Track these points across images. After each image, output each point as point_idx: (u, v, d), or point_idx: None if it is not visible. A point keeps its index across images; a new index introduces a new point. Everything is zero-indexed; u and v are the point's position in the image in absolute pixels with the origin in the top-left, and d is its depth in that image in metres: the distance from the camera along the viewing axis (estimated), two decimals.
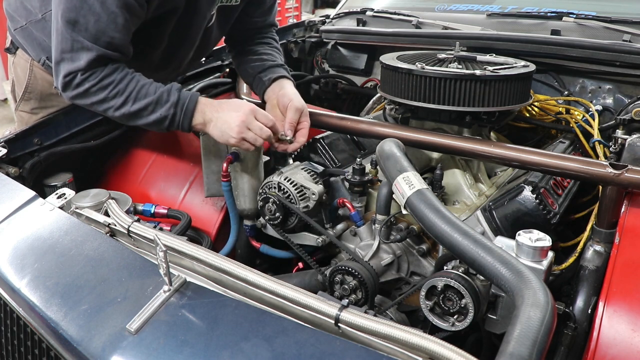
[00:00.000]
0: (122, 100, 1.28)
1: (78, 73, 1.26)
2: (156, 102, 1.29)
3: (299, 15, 8.21)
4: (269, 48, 1.68)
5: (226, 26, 1.63)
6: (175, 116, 1.31)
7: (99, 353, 0.79)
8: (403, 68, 1.43)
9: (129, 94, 1.28)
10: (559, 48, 1.79)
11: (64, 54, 1.25)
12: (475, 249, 0.88)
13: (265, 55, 1.65)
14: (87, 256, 0.98)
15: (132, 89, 1.28)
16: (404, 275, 1.30)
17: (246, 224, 1.52)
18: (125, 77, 1.29)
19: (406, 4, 2.50)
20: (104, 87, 1.27)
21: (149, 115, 1.30)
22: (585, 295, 1.12)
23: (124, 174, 1.73)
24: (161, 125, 1.32)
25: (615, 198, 1.18)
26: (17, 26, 1.59)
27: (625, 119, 1.49)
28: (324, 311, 0.81)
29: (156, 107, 1.30)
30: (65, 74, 1.26)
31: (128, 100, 1.29)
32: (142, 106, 1.29)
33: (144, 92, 1.29)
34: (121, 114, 1.30)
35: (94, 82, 1.27)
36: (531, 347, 0.67)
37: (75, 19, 1.21)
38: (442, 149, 1.40)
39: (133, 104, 1.29)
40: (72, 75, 1.26)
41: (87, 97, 1.29)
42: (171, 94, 1.31)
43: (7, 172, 1.41)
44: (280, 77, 1.56)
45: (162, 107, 1.30)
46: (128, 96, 1.28)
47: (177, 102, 1.30)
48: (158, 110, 1.30)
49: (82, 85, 1.27)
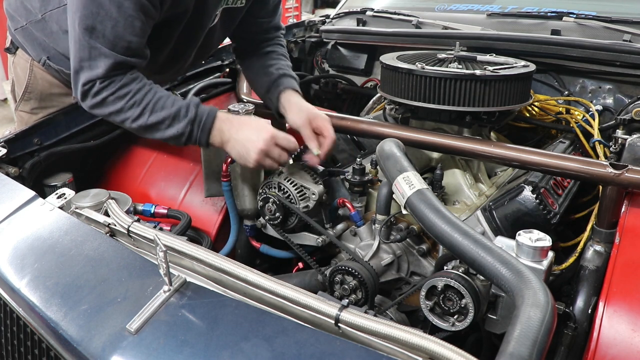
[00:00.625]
0: (139, 111, 1.26)
1: (97, 81, 1.24)
2: (173, 116, 1.27)
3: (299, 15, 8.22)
4: (276, 56, 1.66)
5: (230, 27, 1.62)
6: (192, 133, 1.29)
7: (99, 353, 0.79)
8: (403, 68, 1.43)
9: (146, 105, 1.26)
10: (559, 48, 1.79)
11: (82, 62, 1.24)
12: (475, 249, 0.88)
13: (273, 65, 1.61)
14: (87, 256, 0.98)
15: (149, 101, 1.27)
16: (404, 275, 1.30)
17: (246, 224, 1.52)
18: (142, 87, 1.28)
19: (406, 4, 2.50)
20: (121, 96, 1.26)
21: (166, 130, 1.29)
22: (585, 295, 1.12)
23: (124, 174, 1.73)
24: (178, 141, 1.31)
25: (616, 198, 1.18)
26: (17, 26, 1.59)
27: (625, 119, 1.49)
28: (324, 311, 0.81)
29: (173, 122, 1.28)
30: (84, 82, 1.25)
31: (145, 111, 1.27)
32: (159, 119, 1.27)
33: (161, 104, 1.28)
34: (138, 125, 1.28)
35: (111, 90, 1.25)
36: (531, 347, 0.66)
37: (93, 25, 1.19)
38: (442, 149, 1.40)
39: (150, 116, 1.27)
40: (91, 83, 1.25)
41: (104, 106, 1.27)
42: (189, 110, 1.28)
43: (7, 172, 1.41)
44: (288, 88, 1.53)
45: (179, 123, 1.28)
46: (145, 107, 1.26)
47: (195, 119, 1.28)
48: (175, 126, 1.28)
49: (99, 94, 1.25)
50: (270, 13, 1.67)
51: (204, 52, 1.68)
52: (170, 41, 1.44)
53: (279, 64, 1.63)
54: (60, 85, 1.65)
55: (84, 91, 1.26)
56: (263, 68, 1.62)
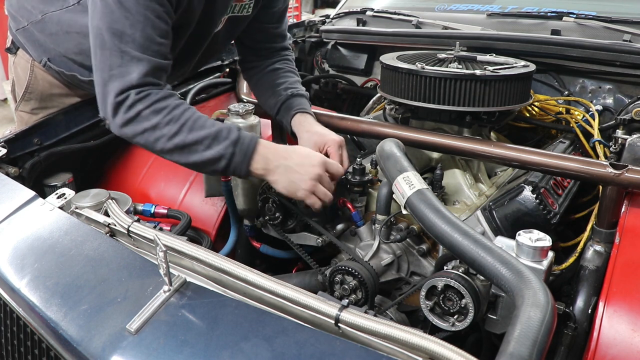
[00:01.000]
0: (176, 128, 1.16)
1: (131, 92, 1.15)
2: (214, 136, 1.18)
3: (299, 15, 8.22)
4: (283, 74, 1.61)
5: (233, 35, 1.61)
6: (234, 156, 1.18)
7: (99, 353, 0.79)
8: (403, 68, 1.43)
9: (185, 122, 1.17)
10: (559, 48, 1.79)
11: (112, 71, 1.15)
12: (475, 249, 0.88)
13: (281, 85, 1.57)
14: (87, 256, 0.98)
15: (188, 118, 1.17)
16: (404, 275, 1.30)
17: (246, 224, 1.52)
18: (180, 104, 1.19)
19: (406, 4, 2.50)
20: (158, 110, 1.16)
21: (205, 151, 1.17)
22: (585, 295, 1.12)
23: (124, 174, 1.73)
24: (216, 165, 1.19)
25: (616, 198, 1.18)
26: (18, 27, 1.59)
27: (625, 119, 1.49)
28: (324, 311, 0.81)
29: (213, 142, 1.17)
30: (117, 92, 1.15)
31: (183, 129, 1.16)
32: (198, 138, 1.17)
33: (201, 123, 1.18)
34: (174, 144, 1.17)
35: (147, 103, 1.15)
36: (531, 347, 0.67)
37: (122, 30, 1.13)
38: (442, 149, 1.40)
39: (188, 134, 1.16)
40: (125, 94, 1.15)
41: (138, 122, 1.16)
42: (231, 132, 1.19)
43: (7, 172, 1.41)
44: (298, 112, 1.50)
45: (219, 144, 1.17)
46: (183, 124, 1.16)
47: (237, 141, 1.19)
48: (215, 147, 1.17)
49: (134, 107, 1.15)
50: (277, 19, 1.64)
51: (207, 58, 1.68)
52: (176, 48, 1.43)
53: (288, 81, 1.59)
54: (61, 86, 1.65)
55: (116, 103, 1.15)
56: (271, 88, 1.58)
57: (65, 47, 1.52)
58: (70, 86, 1.65)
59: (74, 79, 1.57)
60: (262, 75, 1.63)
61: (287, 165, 1.21)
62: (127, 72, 1.15)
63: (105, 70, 1.16)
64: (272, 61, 1.65)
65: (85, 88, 1.62)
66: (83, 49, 1.49)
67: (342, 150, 1.38)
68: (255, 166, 1.21)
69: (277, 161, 1.22)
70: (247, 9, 1.52)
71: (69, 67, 1.55)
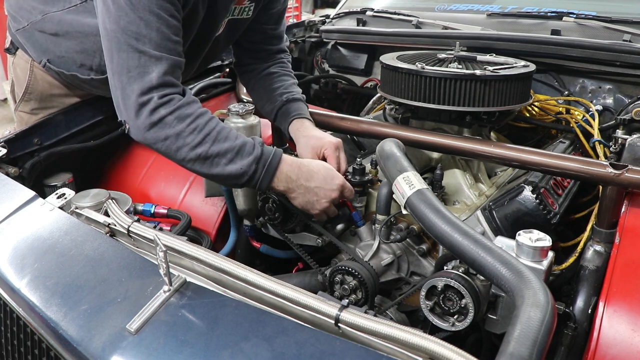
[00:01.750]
0: (200, 137, 1.13)
1: (154, 94, 1.12)
2: (237, 150, 1.16)
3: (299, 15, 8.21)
4: (278, 77, 1.61)
5: (233, 38, 1.61)
6: (256, 173, 1.17)
7: (99, 353, 0.79)
8: (403, 68, 1.43)
9: (209, 132, 1.14)
10: (559, 48, 1.80)
11: (130, 72, 1.12)
12: (475, 249, 0.88)
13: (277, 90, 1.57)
14: (87, 256, 0.98)
15: (213, 128, 1.15)
16: (404, 275, 1.30)
17: (246, 224, 1.52)
18: (204, 113, 1.17)
19: (406, 4, 2.50)
20: (182, 117, 1.13)
21: (227, 165, 1.16)
22: (585, 295, 1.12)
23: (124, 174, 1.73)
24: (238, 180, 1.18)
25: (616, 198, 1.18)
26: (18, 27, 1.59)
27: (625, 119, 1.49)
28: (324, 311, 0.81)
29: (236, 156, 1.16)
30: (139, 93, 1.12)
31: (207, 139, 1.14)
32: (221, 150, 1.15)
33: (225, 134, 1.16)
34: (197, 155, 1.14)
35: (170, 109, 1.13)
36: (531, 347, 0.67)
37: (137, 31, 1.12)
38: (442, 149, 1.40)
39: (212, 145, 1.14)
40: (147, 96, 1.12)
41: (161, 128, 1.13)
42: (255, 147, 1.18)
43: (7, 172, 1.40)
44: (295, 118, 1.50)
45: (243, 160, 1.16)
46: (207, 134, 1.14)
47: (260, 157, 1.18)
48: (238, 162, 1.16)
49: (157, 111, 1.12)
50: (275, 21, 1.65)
51: (208, 61, 1.68)
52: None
53: (283, 85, 1.59)
54: (61, 86, 1.65)
55: (139, 104, 1.12)
56: (267, 94, 1.58)
57: (66, 47, 1.52)
58: (70, 86, 1.65)
59: (74, 79, 1.57)
60: (258, 80, 1.64)
61: (307, 187, 1.23)
62: (146, 72, 1.13)
63: (124, 72, 1.13)
64: (267, 65, 1.65)
65: (85, 88, 1.62)
66: (85, 48, 1.49)
67: (339, 152, 1.39)
68: (277, 183, 1.21)
69: (299, 181, 1.23)
70: (247, 11, 1.52)
71: (69, 67, 1.55)
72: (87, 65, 1.52)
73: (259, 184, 1.20)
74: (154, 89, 1.13)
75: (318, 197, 1.24)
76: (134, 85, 1.13)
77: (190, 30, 1.36)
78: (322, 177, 1.25)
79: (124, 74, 1.13)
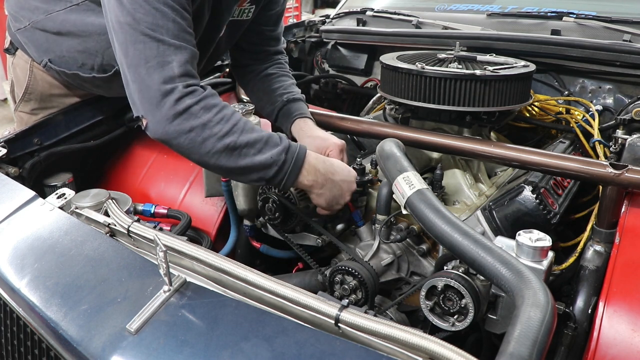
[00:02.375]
0: (228, 127, 1.10)
1: (178, 84, 1.08)
2: (266, 141, 1.14)
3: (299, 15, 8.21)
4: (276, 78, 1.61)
5: (233, 39, 1.61)
6: (285, 164, 1.15)
7: (99, 353, 0.79)
8: (403, 68, 1.43)
9: (236, 122, 1.12)
10: (559, 48, 1.79)
11: (149, 62, 1.08)
12: (475, 249, 0.88)
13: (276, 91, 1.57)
14: (87, 256, 0.98)
15: (239, 119, 1.13)
16: (404, 275, 1.30)
17: (246, 224, 1.52)
18: (227, 105, 1.15)
19: (406, 4, 2.50)
20: (209, 107, 1.10)
21: (256, 155, 1.13)
22: (585, 295, 1.12)
23: (124, 174, 1.73)
24: (266, 172, 1.15)
25: (616, 198, 1.18)
26: (19, 27, 1.59)
27: (625, 119, 1.49)
28: (324, 311, 0.81)
29: (265, 146, 1.14)
30: (162, 81, 1.07)
31: (235, 129, 1.11)
32: (250, 140, 1.12)
33: (251, 126, 1.15)
34: (224, 145, 1.10)
35: (196, 99, 1.09)
36: (531, 347, 0.67)
37: (154, 22, 1.09)
38: (442, 149, 1.40)
39: (241, 135, 1.11)
40: (171, 85, 1.08)
41: (186, 118, 1.09)
42: (282, 138, 1.17)
43: (7, 172, 1.40)
44: (296, 118, 1.50)
45: (272, 149, 1.14)
46: (235, 124, 1.12)
47: (289, 147, 1.16)
48: (268, 152, 1.13)
49: (182, 100, 1.08)
50: (273, 22, 1.65)
51: (210, 64, 1.68)
52: None
53: (283, 85, 1.59)
54: (61, 86, 1.65)
55: (163, 93, 1.07)
56: (266, 95, 1.58)
57: (68, 46, 1.51)
58: (70, 86, 1.64)
59: (75, 78, 1.57)
60: (257, 82, 1.64)
61: (333, 181, 1.22)
62: (167, 61, 1.09)
63: (142, 64, 1.09)
64: (265, 66, 1.65)
65: (86, 88, 1.62)
66: (87, 48, 1.49)
67: (342, 154, 1.40)
68: (306, 177, 1.19)
69: (326, 175, 1.22)
70: (248, 13, 1.53)
71: (70, 67, 1.55)
72: (89, 64, 1.52)
73: (287, 177, 1.16)
74: (177, 77, 1.09)
75: (342, 191, 1.25)
76: (154, 75, 1.08)
77: (196, 32, 1.36)
78: (343, 170, 1.26)
79: (141, 65, 1.09)
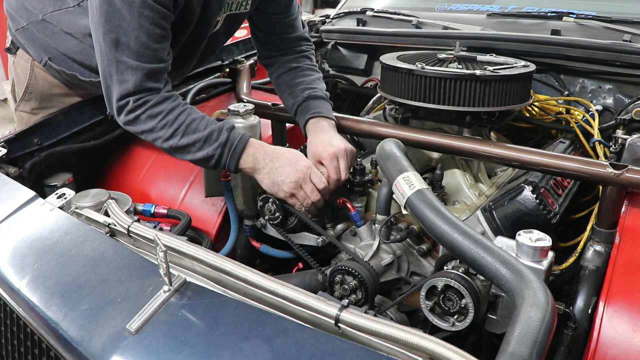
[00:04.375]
0: (170, 132, 1.25)
1: (130, 99, 1.24)
2: (205, 139, 1.26)
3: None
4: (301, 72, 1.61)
5: (232, 32, 1.61)
6: (222, 157, 1.27)
7: (99, 353, 0.79)
8: (403, 68, 1.43)
9: (178, 126, 1.26)
10: (559, 48, 1.79)
11: (111, 78, 1.24)
12: (475, 249, 0.88)
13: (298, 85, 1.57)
14: (87, 256, 0.98)
15: (182, 122, 1.26)
16: (404, 275, 1.30)
17: (246, 224, 1.52)
18: (175, 108, 1.27)
19: (406, 4, 2.50)
20: (153, 115, 1.25)
21: (196, 152, 1.27)
22: (585, 295, 1.12)
23: (124, 174, 1.73)
24: (207, 163, 1.30)
25: (616, 198, 1.18)
26: (18, 27, 1.59)
27: (625, 119, 1.49)
28: (324, 311, 0.81)
29: (204, 145, 1.26)
30: (118, 97, 1.24)
31: (177, 133, 1.26)
32: (190, 141, 1.26)
33: (194, 127, 1.26)
34: (169, 146, 1.27)
35: (144, 109, 1.24)
36: (531, 347, 0.66)
37: (117, 38, 1.19)
38: (442, 149, 1.40)
39: (181, 138, 1.26)
40: (125, 100, 1.24)
41: (137, 124, 1.27)
42: (221, 133, 1.27)
43: (7, 172, 1.40)
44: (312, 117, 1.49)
45: (209, 146, 1.26)
46: (177, 129, 1.25)
47: (226, 142, 1.27)
48: (205, 149, 1.26)
49: (133, 112, 1.25)
50: (283, 10, 1.61)
51: (206, 57, 1.68)
52: (174, 49, 1.43)
53: (306, 80, 1.59)
54: (61, 85, 1.65)
55: (119, 107, 1.26)
56: (289, 88, 1.59)
57: (66, 47, 1.52)
58: (70, 86, 1.65)
59: (74, 78, 1.57)
60: (280, 74, 1.64)
61: (272, 167, 1.28)
62: (124, 80, 1.23)
63: (107, 76, 1.25)
64: (289, 58, 1.65)
65: (86, 87, 1.62)
66: (83, 49, 1.49)
67: (337, 161, 1.34)
68: (244, 165, 1.29)
69: (264, 161, 1.29)
70: (245, 5, 1.52)
71: (70, 67, 1.55)
72: (87, 65, 1.52)
73: (227, 164, 1.29)
74: (131, 95, 1.24)
75: (283, 177, 1.27)
76: (114, 90, 1.25)
77: (187, 27, 1.37)
78: (287, 159, 1.29)
79: (107, 77, 1.25)
